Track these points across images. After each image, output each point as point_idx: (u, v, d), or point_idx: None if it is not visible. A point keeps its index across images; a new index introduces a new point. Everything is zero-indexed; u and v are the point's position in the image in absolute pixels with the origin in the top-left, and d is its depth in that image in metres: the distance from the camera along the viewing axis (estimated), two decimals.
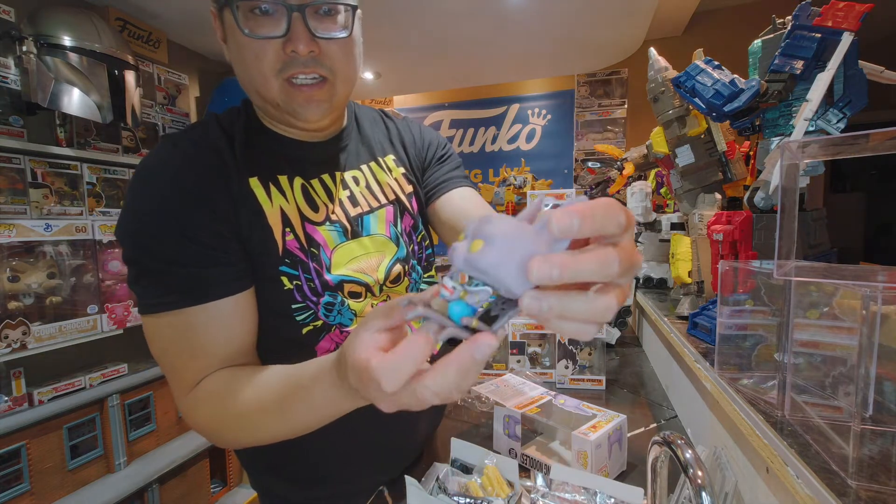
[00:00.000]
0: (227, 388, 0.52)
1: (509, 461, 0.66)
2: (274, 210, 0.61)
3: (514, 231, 0.27)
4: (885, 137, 0.43)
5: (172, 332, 0.54)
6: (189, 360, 0.54)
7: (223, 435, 0.54)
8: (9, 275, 1.47)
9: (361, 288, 0.65)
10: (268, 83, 0.57)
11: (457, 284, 0.29)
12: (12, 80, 1.56)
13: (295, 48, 0.54)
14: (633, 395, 1.17)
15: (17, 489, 1.47)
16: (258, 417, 0.49)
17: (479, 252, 0.27)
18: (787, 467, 0.47)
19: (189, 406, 0.55)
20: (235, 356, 0.57)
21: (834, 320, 0.49)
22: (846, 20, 0.72)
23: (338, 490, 0.70)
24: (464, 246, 0.28)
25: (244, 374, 0.53)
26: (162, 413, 1.97)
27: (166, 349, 0.55)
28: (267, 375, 0.51)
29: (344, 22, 0.58)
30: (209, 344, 0.54)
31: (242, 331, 0.58)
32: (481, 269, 0.27)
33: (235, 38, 0.56)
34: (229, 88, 2.53)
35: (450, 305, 0.29)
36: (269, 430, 0.50)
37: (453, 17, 2.23)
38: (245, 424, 0.51)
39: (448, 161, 0.80)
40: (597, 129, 3.20)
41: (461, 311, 0.28)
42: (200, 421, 0.54)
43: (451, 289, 0.29)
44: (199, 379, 0.54)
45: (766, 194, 0.82)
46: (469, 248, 0.27)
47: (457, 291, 0.29)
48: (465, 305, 0.28)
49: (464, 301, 0.28)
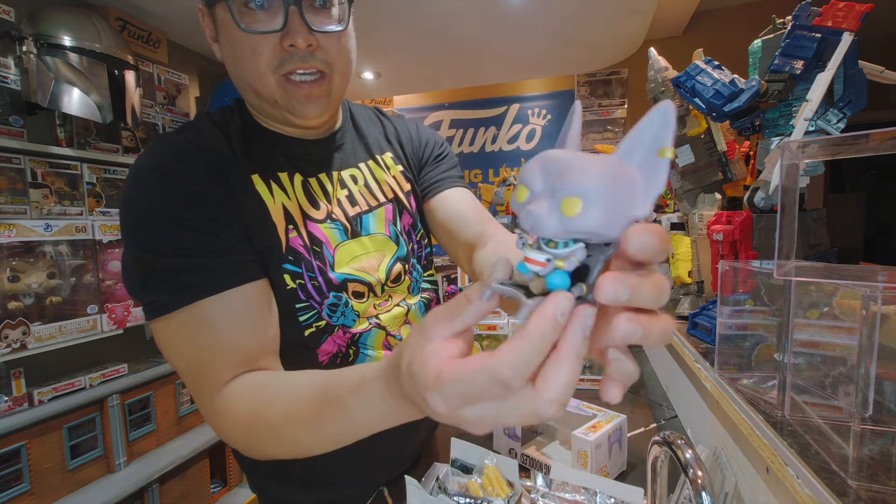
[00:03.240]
0: (261, 396, 0.48)
1: (509, 461, 0.66)
2: (276, 207, 0.60)
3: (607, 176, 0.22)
4: (885, 137, 0.43)
5: (188, 330, 0.51)
6: (210, 359, 0.50)
7: (254, 446, 0.50)
8: (9, 275, 1.47)
9: (364, 287, 0.65)
10: (264, 79, 0.56)
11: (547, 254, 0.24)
12: (12, 80, 1.56)
13: (293, 42, 0.54)
14: (633, 395, 1.17)
15: (17, 489, 1.47)
16: (291, 430, 0.45)
17: (580, 215, 0.22)
18: (787, 467, 0.47)
19: (215, 412, 0.50)
20: (260, 349, 0.53)
21: (834, 320, 0.49)
22: (846, 20, 0.72)
23: (338, 493, 0.70)
24: (548, 209, 0.23)
25: (276, 381, 0.49)
26: (162, 413, 1.97)
27: (183, 350, 0.51)
28: (301, 383, 0.46)
29: (339, 15, 0.57)
30: (230, 338, 0.51)
31: (262, 320, 0.55)
32: (588, 231, 0.22)
33: (229, 34, 0.55)
34: (229, 88, 2.53)
35: (548, 280, 0.24)
36: (302, 443, 0.45)
37: (453, 17, 2.23)
38: (278, 437, 0.46)
39: (445, 160, 0.80)
40: (597, 129, 3.20)
41: (563, 281, 0.23)
42: (229, 430, 0.50)
43: (543, 262, 0.24)
44: (225, 380, 0.50)
45: (766, 194, 0.82)
46: (562, 211, 0.22)
47: (550, 262, 0.24)
48: (563, 274, 0.23)
49: (560, 269, 0.23)
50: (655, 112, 0.23)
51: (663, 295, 0.24)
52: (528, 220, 0.23)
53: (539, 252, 0.24)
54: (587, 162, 0.22)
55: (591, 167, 0.22)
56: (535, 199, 0.23)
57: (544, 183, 0.23)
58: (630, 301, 0.23)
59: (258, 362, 0.53)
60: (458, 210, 0.74)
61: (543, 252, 0.24)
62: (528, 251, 0.24)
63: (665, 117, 0.22)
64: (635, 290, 0.23)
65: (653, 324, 0.24)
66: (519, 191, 0.25)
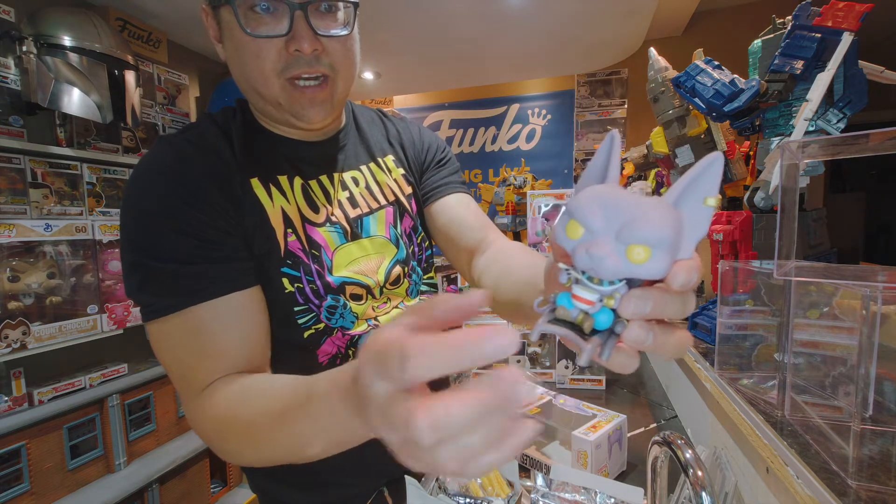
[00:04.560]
0: (239, 393, 0.48)
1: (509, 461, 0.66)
2: (275, 211, 0.60)
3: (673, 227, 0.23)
4: (885, 137, 0.43)
5: (181, 334, 0.51)
6: (200, 361, 0.51)
7: (225, 445, 0.48)
8: (9, 275, 1.47)
9: (362, 290, 0.65)
10: (268, 83, 0.56)
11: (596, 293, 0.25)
12: (12, 80, 1.56)
13: (298, 47, 0.54)
14: (633, 395, 1.17)
15: (17, 489, 1.47)
16: (260, 429, 0.43)
17: (649, 262, 0.23)
18: (787, 467, 0.47)
19: (196, 410, 0.51)
20: (249, 357, 0.54)
21: (834, 320, 0.49)
22: (846, 20, 0.72)
23: (338, 493, 0.70)
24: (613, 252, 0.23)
25: (258, 380, 0.49)
26: (162, 413, 1.97)
27: (175, 353, 0.52)
28: (279, 383, 0.45)
29: (345, 19, 0.57)
30: (221, 342, 0.52)
31: (255, 328, 0.55)
32: (649, 276, 0.23)
33: (234, 37, 0.55)
34: (229, 88, 2.53)
35: (596, 318, 0.25)
36: (268, 443, 0.43)
37: (453, 18, 2.23)
38: (249, 436, 0.45)
39: (447, 165, 0.80)
40: (597, 130, 3.20)
41: (607, 318, 0.25)
42: (207, 426, 0.49)
43: (593, 301, 0.25)
44: (210, 381, 0.50)
45: (766, 194, 0.82)
46: (628, 257, 0.23)
47: (600, 302, 0.25)
48: (609, 312, 0.25)
49: (608, 307, 0.25)
50: (707, 162, 0.24)
51: (688, 308, 0.26)
52: (585, 259, 0.23)
53: (588, 291, 0.25)
54: (650, 208, 0.23)
55: (656, 215, 0.23)
56: (595, 241, 0.23)
57: (606, 224, 0.23)
58: (655, 315, 0.25)
59: (249, 364, 0.54)
60: (459, 216, 0.74)
61: (592, 290, 0.24)
62: (578, 289, 0.25)
63: (716, 168, 0.24)
64: (658, 305, 0.24)
65: (671, 337, 0.26)
66: (571, 226, 0.25)
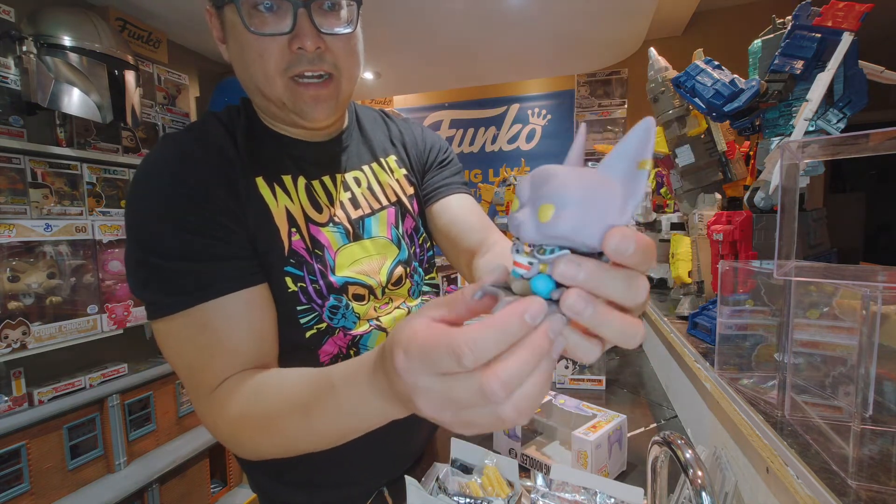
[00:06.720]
0: (253, 389, 0.48)
1: (509, 461, 0.66)
2: (280, 210, 0.60)
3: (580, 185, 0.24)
4: (885, 137, 0.43)
5: (188, 332, 0.51)
6: (208, 360, 0.51)
7: (243, 441, 0.49)
8: (9, 275, 1.47)
9: (364, 290, 0.65)
10: (272, 82, 0.56)
11: (532, 258, 0.25)
12: (12, 80, 1.56)
13: (302, 45, 0.54)
14: (633, 395, 1.17)
15: (17, 489, 1.47)
16: (281, 421, 0.44)
17: (553, 220, 0.23)
18: (787, 467, 0.47)
19: (209, 408, 0.50)
20: (257, 354, 0.54)
21: (834, 320, 0.49)
22: (846, 20, 0.72)
23: (338, 492, 0.70)
24: (528, 215, 0.24)
25: (272, 375, 0.49)
26: (162, 413, 1.97)
27: (183, 351, 0.52)
28: (296, 375, 0.46)
29: (348, 17, 0.57)
30: (229, 340, 0.51)
31: (263, 325, 0.55)
32: (560, 236, 0.24)
33: (237, 35, 0.55)
34: (229, 88, 2.53)
35: (532, 283, 0.25)
36: (292, 436, 0.44)
37: (453, 17, 2.23)
38: (268, 428, 0.46)
39: (449, 166, 0.80)
40: (597, 129, 3.20)
41: (546, 285, 0.25)
42: (221, 425, 0.49)
43: (527, 265, 0.25)
44: (221, 379, 0.50)
45: (766, 194, 0.82)
46: (538, 217, 0.24)
47: (535, 266, 0.25)
48: (548, 278, 0.25)
49: (545, 274, 0.25)
50: (637, 127, 0.24)
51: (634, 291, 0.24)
52: (513, 226, 0.25)
53: (525, 256, 0.26)
54: (566, 173, 0.24)
55: (568, 178, 0.24)
56: (521, 208, 0.26)
57: (530, 193, 0.25)
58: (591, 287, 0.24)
59: (257, 361, 0.54)
60: (461, 217, 0.74)
61: (529, 257, 0.26)
62: (517, 256, 0.26)
63: (646, 132, 0.24)
64: (593, 274, 0.23)
65: (611, 316, 0.24)
66: (514, 201, 0.27)
